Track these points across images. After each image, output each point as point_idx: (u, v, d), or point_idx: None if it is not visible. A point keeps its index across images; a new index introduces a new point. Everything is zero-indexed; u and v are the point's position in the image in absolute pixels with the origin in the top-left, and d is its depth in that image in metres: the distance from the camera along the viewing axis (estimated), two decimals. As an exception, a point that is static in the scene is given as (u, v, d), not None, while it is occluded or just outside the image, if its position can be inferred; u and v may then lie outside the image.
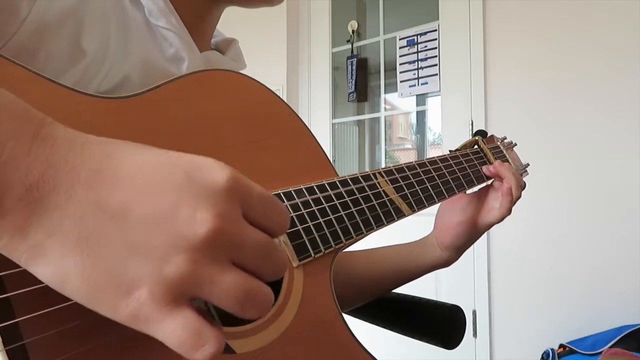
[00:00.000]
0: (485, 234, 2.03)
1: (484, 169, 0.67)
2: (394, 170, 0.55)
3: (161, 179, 0.23)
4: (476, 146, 0.72)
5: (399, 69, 2.21)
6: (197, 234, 0.22)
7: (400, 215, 0.53)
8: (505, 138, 0.78)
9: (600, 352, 1.43)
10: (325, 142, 2.42)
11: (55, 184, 0.21)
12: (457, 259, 0.67)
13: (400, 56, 2.22)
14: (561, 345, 1.56)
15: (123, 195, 0.22)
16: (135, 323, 0.22)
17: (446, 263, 0.67)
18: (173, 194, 0.23)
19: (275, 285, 0.40)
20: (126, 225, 0.22)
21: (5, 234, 0.21)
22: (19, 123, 0.22)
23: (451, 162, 0.64)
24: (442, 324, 0.68)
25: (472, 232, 0.65)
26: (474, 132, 1.92)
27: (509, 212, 0.63)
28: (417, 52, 2.16)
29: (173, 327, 0.22)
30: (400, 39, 2.23)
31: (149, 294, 0.22)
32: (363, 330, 0.60)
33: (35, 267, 0.22)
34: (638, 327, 1.46)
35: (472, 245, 0.68)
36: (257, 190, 0.26)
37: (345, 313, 0.67)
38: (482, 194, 0.68)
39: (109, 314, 0.22)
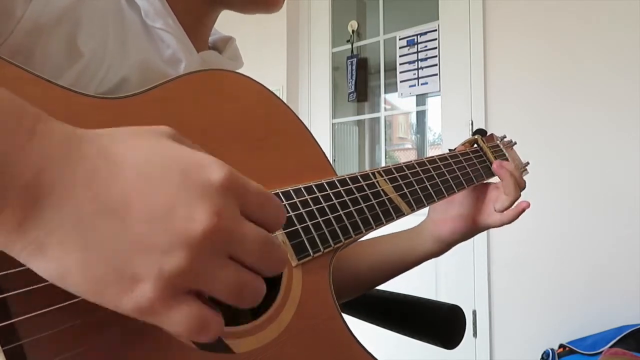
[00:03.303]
0: (485, 234, 2.02)
1: (496, 165, 0.66)
2: (393, 169, 0.55)
3: (159, 176, 0.23)
4: (476, 145, 0.72)
5: (399, 69, 2.21)
6: (194, 232, 0.23)
7: (400, 214, 0.53)
8: (505, 137, 0.78)
9: (600, 352, 1.42)
10: (325, 142, 2.42)
11: (52, 181, 0.22)
12: (445, 252, 0.67)
13: (400, 56, 2.22)
14: (561, 345, 1.56)
15: (121, 193, 0.23)
16: (139, 315, 0.23)
17: (436, 255, 0.67)
18: (171, 192, 0.23)
19: (274, 285, 0.40)
20: (125, 223, 0.22)
21: (2, 231, 0.21)
22: (14, 119, 0.22)
23: (450, 161, 0.64)
24: (442, 324, 0.68)
25: (471, 230, 0.65)
26: (473, 131, 1.91)
27: (511, 219, 0.64)
28: (417, 52, 2.16)
29: (178, 317, 0.23)
30: (400, 39, 2.23)
31: (151, 289, 0.22)
32: (363, 330, 0.60)
33: (35, 263, 0.22)
34: (638, 327, 1.45)
35: (472, 245, 0.68)
36: (252, 186, 0.27)
37: (345, 313, 0.67)
38: (482, 190, 0.68)
39: (112, 307, 0.23)
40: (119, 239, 0.22)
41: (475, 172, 0.66)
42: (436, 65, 2.09)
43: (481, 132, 0.74)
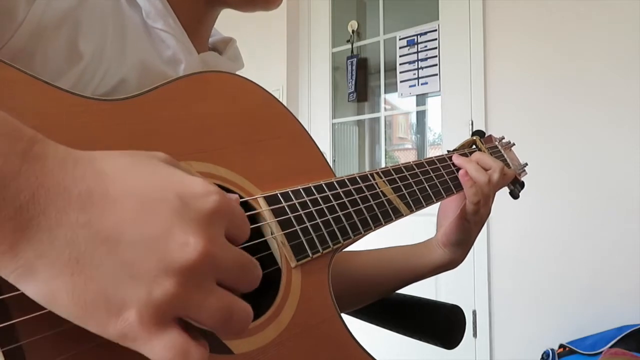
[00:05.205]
0: (485, 234, 2.01)
1: (461, 174, 0.64)
2: (391, 170, 0.56)
3: (154, 203, 0.23)
4: (474, 146, 0.72)
5: (399, 69, 2.21)
6: (188, 258, 0.23)
7: (399, 215, 0.53)
8: (504, 138, 0.78)
9: (600, 352, 1.42)
10: (325, 142, 2.42)
11: (45, 205, 0.21)
12: (462, 258, 0.66)
13: (400, 56, 2.22)
14: (561, 345, 1.56)
15: (114, 219, 0.22)
16: (123, 341, 0.23)
17: (451, 263, 0.65)
18: (165, 218, 0.23)
19: (273, 286, 0.40)
20: (117, 249, 0.22)
21: None
22: (8, 141, 0.22)
23: (449, 162, 0.64)
24: (442, 324, 0.68)
25: (464, 224, 0.63)
26: (472, 132, 1.91)
27: (474, 197, 0.61)
28: (417, 52, 2.16)
29: (160, 347, 0.23)
30: (400, 39, 2.23)
31: (137, 316, 0.22)
32: (363, 330, 0.60)
33: (24, 285, 0.22)
34: (638, 327, 1.46)
35: (472, 246, 0.67)
36: (238, 210, 0.27)
37: (345, 313, 0.67)
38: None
39: (98, 331, 0.23)
40: (109, 264, 0.22)
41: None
42: (436, 65, 2.09)
43: (480, 133, 0.74)
